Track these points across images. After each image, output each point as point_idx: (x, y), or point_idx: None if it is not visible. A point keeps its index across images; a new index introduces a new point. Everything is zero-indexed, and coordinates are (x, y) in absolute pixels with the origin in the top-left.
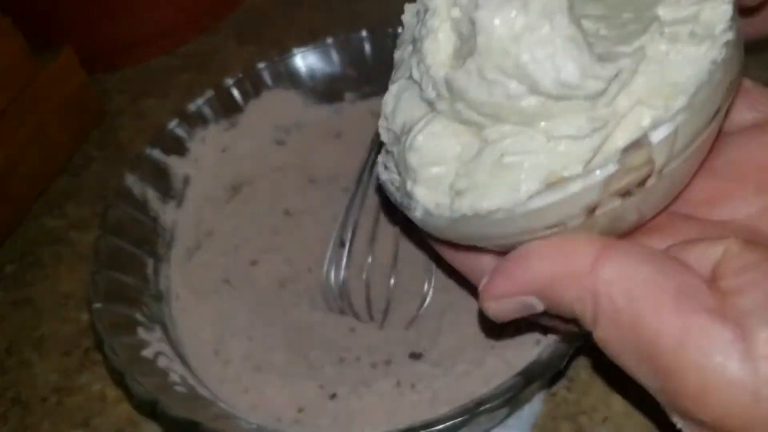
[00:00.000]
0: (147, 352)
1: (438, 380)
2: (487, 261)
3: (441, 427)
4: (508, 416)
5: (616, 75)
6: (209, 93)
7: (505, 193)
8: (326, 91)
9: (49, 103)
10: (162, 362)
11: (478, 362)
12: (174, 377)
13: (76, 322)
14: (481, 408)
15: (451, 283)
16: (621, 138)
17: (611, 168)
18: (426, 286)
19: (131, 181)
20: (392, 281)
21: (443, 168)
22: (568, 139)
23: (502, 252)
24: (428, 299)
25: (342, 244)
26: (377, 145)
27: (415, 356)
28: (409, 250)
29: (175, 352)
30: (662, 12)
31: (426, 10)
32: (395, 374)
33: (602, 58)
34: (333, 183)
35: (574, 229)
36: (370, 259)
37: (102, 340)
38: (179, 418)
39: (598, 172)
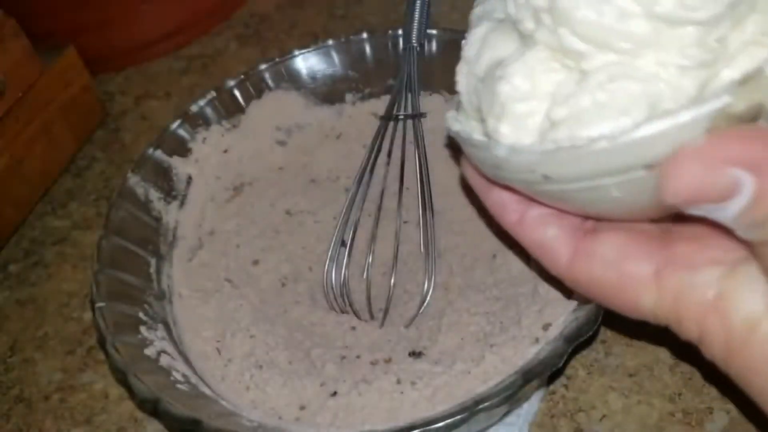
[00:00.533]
0: (149, 351)
1: (438, 378)
2: (552, 233)
3: (441, 424)
4: (507, 414)
5: (737, 2)
6: (211, 94)
7: (608, 121)
8: (327, 92)
9: (52, 103)
10: (164, 361)
11: (478, 360)
12: (176, 375)
13: (79, 321)
14: (481, 406)
15: (451, 282)
16: (730, 75)
17: (723, 99)
18: (426, 285)
19: (134, 181)
20: (392, 281)
21: (534, 104)
22: (677, 70)
23: (581, 215)
24: (428, 299)
25: (343, 244)
26: (378, 146)
27: (415, 354)
28: (409, 250)
29: (177, 351)
30: None
31: None
32: (395, 372)
33: None
34: (333, 183)
35: None
36: (370, 259)
37: (105, 339)
38: (181, 416)
39: (709, 102)
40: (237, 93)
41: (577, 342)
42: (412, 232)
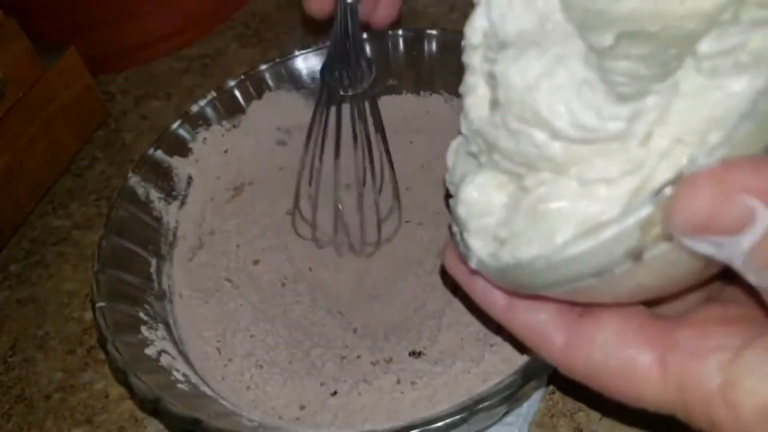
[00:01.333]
0: (150, 351)
1: (438, 378)
2: (543, 317)
3: (440, 424)
4: (506, 413)
5: (637, 114)
6: (212, 94)
7: (541, 242)
8: None
9: (53, 104)
10: (165, 360)
11: (477, 360)
12: (176, 375)
13: (79, 320)
14: (480, 405)
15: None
16: (661, 178)
17: (645, 210)
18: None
19: (135, 181)
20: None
21: (492, 218)
22: (603, 183)
23: (565, 301)
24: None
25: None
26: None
27: (415, 354)
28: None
29: (177, 351)
30: (705, 45)
31: (467, 68)
32: (395, 372)
33: (624, 98)
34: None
35: (625, 276)
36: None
37: (105, 339)
38: (181, 415)
39: (631, 215)
40: (237, 93)
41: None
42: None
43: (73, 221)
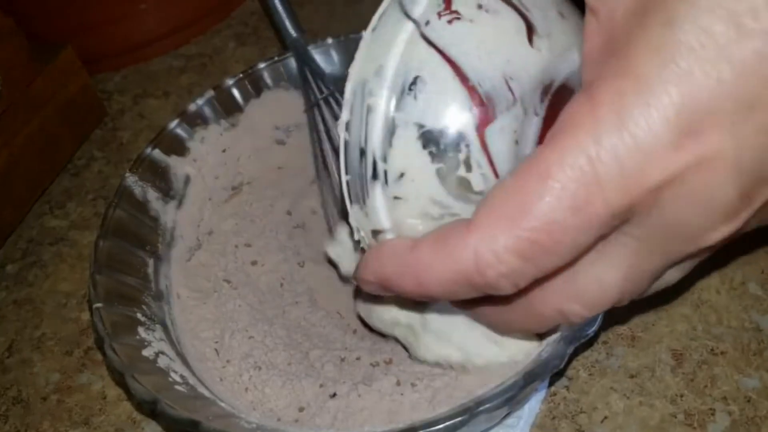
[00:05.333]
0: (147, 352)
1: (438, 379)
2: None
3: (440, 426)
4: (507, 415)
5: None
6: (209, 93)
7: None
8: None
9: (50, 103)
10: (162, 362)
11: None
12: (174, 377)
13: (76, 321)
14: (481, 407)
15: None
16: None
17: None
18: None
19: (132, 181)
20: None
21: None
22: None
23: None
24: None
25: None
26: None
27: None
28: None
29: (175, 352)
30: None
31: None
32: (395, 374)
33: None
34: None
35: None
36: None
37: (102, 340)
38: (179, 417)
39: None
40: (236, 92)
41: (578, 343)
42: None
43: (70, 221)
